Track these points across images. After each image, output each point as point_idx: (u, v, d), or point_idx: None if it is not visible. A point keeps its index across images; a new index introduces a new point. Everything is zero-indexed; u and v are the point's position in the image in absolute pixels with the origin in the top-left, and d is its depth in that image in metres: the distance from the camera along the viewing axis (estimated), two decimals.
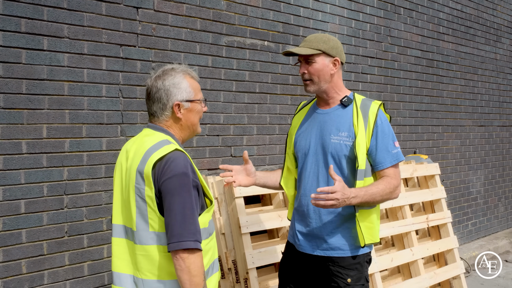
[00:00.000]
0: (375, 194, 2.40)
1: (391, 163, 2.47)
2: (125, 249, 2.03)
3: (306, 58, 2.52)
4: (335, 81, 2.56)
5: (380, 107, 2.53)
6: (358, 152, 2.44)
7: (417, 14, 6.05)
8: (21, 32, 3.00)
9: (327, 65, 2.51)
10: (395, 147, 2.49)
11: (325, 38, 2.53)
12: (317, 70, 2.50)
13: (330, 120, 2.57)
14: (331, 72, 2.53)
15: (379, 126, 2.47)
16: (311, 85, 2.54)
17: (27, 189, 3.05)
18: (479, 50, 7.14)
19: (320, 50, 2.49)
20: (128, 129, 3.49)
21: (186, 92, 2.07)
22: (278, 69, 4.47)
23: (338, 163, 2.50)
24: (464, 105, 6.86)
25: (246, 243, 3.41)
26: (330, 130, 2.53)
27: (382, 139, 2.47)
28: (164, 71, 2.10)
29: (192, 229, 1.88)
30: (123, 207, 2.04)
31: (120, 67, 3.43)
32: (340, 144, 2.49)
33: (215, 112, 3.99)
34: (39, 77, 3.08)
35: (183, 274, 1.87)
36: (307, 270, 2.63)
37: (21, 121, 3.02)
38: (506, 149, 7.81)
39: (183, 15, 3.79)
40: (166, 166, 1.89)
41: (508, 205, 7.87)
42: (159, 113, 2.07)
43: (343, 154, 2.48)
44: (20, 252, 3.03)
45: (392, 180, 2.46)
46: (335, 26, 5.01)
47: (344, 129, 2.50)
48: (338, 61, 2.54)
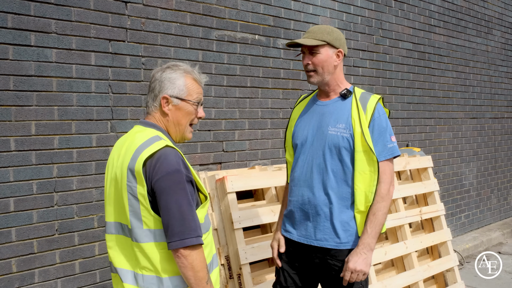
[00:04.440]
0: (381, 223, 2.43)
1: (385, 157, 2.46)
2: (123, 245, 2.01)
3: (310, 49, 2.52)
4: (337, 73, 2.57)
5: (379, 101, 2.53)
6: (356, 143, 2.45)
7: (408, 6, 6.03)
8: (8, 27, 2.95)
9: (331, 56, 2.52)
10: (391, 141, 2.48)
11: (328, 29, 2.53)
12: (321, 61, 2.50)
13: (328, 112, 2.57)
14: (335, 64, 2.53)
15: (376, 120, 2.47)
16: (315, 76, 2.54)
17: (16, 187, 3.01)
18: (471, 42, 7.14)
19: (325, 41, 2.49)
20: (118, 125, 3.45)
21: (178, 89, 2.04)
22: (269, 63, 4.44)
23: (336, 154, 2.50)
24: (456, 97, 6.87)
25: (239, 239, 3.39)
26: (328, 122, 2.54)
27: (379, 132, 2.46)
28: (169, 65, 2.08)
29: (193, 226, 1.87)
30: (116, 204, 2.01)
31: (109, 63, 3.39)
32: (337, 135, 2.49)
33: (206, 107, 3.96)
34: (26, 73, 3.03)
35: (187, 271, 1.87)
36: (305, 259, 2.63)
37: (9, 118, 2.98)
38: (498, 141, 7.83)
39: (173, 9, 3.75)
40: (157, 164, 1.87)
41: (501, 196, 7.91)
42: (150, 103, 2.06)
43: (341, 146, 2.48)
44: (10, 251, 2.99)
45: (379, 189, 2.45)
46: (326, 19, 4.99)
47: (342, 121, 2.50)
48: (341, 53, 2.54)
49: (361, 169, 2.46)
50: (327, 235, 2.52)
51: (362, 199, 2.48)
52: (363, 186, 2.47)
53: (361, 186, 2.47)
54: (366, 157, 2.46)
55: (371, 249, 2.40)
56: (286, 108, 4.59)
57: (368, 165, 2.47)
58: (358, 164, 2.46)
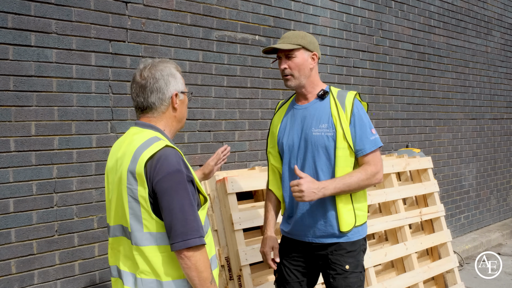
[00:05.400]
0: (350, 183, 2.48)
1: (370, 149, 2.54)
2: (125, 248, 2.00)
3: (286, 54, 2.59)
4: (313, 76, 2.64)
5: (355, 96, 2.60)
6: (338, 140, 2.52)
7: (408, 7, 6.03)
8: (8, 27, 2.94)
9: (307, 60, 2.59)
10: (372, 134, 2.56)
11: (302, 34, 2.62)
12: (298, 65, 2.57)
13: (309, 114, 2.64)
14: (310, 67, 2.61)
15: (356, 115, 2.54)
16: (292, 79, 2.61)
17: (16, 187, 3.00)
18: (470, 43, 7.14)
19: (300, 45, 2.57)
20: (118, 126, 3.44)
21: (180, 83, 2.06)
22: (269, 63, 4.43)
23: (323, 153, 2.57)
24: (456, 98, 6.87)
25: (239, 240, 3.38)
26: (311, 124, 2.60)
27: (360, 127, 2.54)
28: (156, 62, 2.05)
29: (195, 226, 1.86)
30: (117, 207, 2.00)
31: (109, 63, 3.38)
32: (322, 136, 2.56)
33: (206, 108, 3.95)
34: (26, 73, 3.02)
35: (191, 272, 1.86)
36: (305, 257, 2.70)
37: (9, 119, 2.96)
38: (498, 142, 7.83)
39: (173, 9, 3.74)
40: (158, 165, 1.85)
41: (500, 197, 7.91)
42: (158, 103, 2.01)
43: (327, 145, 2.55)
44: (10, 252, 2.98)
45: (369, 167, 2.53)
46: (326, 20, 4.98)
47: (324, 121, 2.57)
48: (316, 56, 2.63)
49: (342, 165, 2.54)
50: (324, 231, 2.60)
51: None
52: None
53: None
54: (346, 153, 2.54)
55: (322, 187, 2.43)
56: None
57: (347, 160, 2.55)
58: (339, 160, 2.54)
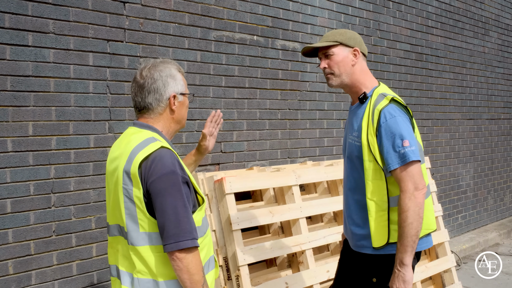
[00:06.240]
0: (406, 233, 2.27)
1: (398, 164, 2.30)
2: (123, 247, 2.00)
3: (325, 53, 2.51)
4: (357, 74, 2.50)
5: (390, 102, 2.38)
6: (363, 152, 2.41)
7: (406, 8, 6.04)
8: (5, 27, 2.93)
9: (347, 56, 2.48)
10: (402, 146, 2.30)
11: (341, 31, 2.53)
12: (337, 62, 2.47)
13: (351, 118, 2.57)
14: (352, 63, 2.48)
15: (383, 126, 2.34)
16: (333, 78, 2.51)
17: (13, 188, 2.99)
18: (468, 44, 7.15)
19: (337, 41, 2.48)
20: (116, 126, 3.43)
21: (180, 85, 2.04)
22: (267, 63, 4.43)
23: (354, 163, 2.49)
24: (453, 98, 6.88)
25: (237, 240, 3.38)
26: (351, 130, 2.53)
27: (387, 138, 2.33)
28: (157, 62, 2.05)
29: (188, 228, 1.85)
30: (114, 207, 2.00)
31: (107, 63, 3.38)
32: (354, 144, 2.48)
33: (204, 108, 3.95)
34: (24, 73, 3.01)
35: (183, 274, 1.85)
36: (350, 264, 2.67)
37: (6, 119, 2.96)
38: (495, 142, 7.85)
39: (171, 9, 3.73)
40: (153, 166, 1.85)
41: (497, 197, 7.92)
42: (155, 104, 2.00)
43: (357, 154, 2.45)
44: (7, 253, 2.97)
45: (402, 195, 2.30)
46: (324, 20, 4.98)
47: (356, 129, 2.48)
48: (358, 51, 2.49)
49: (371, 178, 2.41)
50: (352, 239, 2.59)
51: (373, 207, 2.43)
52: (371, 194, 2.42)
53: (370, 195, 2.42)
54: (375, 166, 2.40)
55: (404, 264, 2.29)
56: (284, 109, 4.59)
57: (377, 174, 2.40)
58: (367, 173, 2.41)
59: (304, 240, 3.74)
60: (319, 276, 3.74)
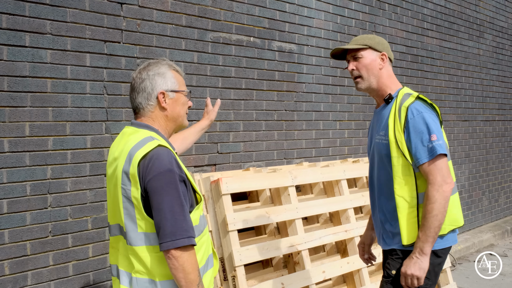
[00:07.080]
0: (430, 224, 2.33)
1: (427, 158, 2.37)
2: (122, 247, 2.01)
3: (353, 55, 2.57)
4: (384, 78, 2.56)
5: (416, 99, 2.46)
6: (391, 149, 2.46)
7: (402, 10, 6.07)
8: (2, 28, 2.93)
9: (375, 60, 2.54)
10: (430, 140, 2.37)
11: (370, 36, 2.59)
12: (365, 65, 2.53)
13: (377, 119, 2.63)
14: (379, 67, 2.55)
15: (410, 122, 2.41)
16: (361, 81, 2.56)
17: (10, 188, 2.99)
18: (463, 46, 7.19)
19: (367, 45, 2.54)
20: (113, 127, 3.44)
21: (170, 82, 2.05)
22: (264, 65, 4.45)
23: (382, 161, 2.54)
24: (448, 100, 6.91)
25: (234, 240, 3.39)
26: (377, 130, 2.59)
27: (415, 134, 2.40)
28: (150, 63, 2.09)
29: (184, 226, 1.85)
30: (114, 207, 2.02)
31: (104, 64, 3.38)
32: (381, 143, 2.53)
33: (201, 109, 3.96)
34: (21, 74, 3.01)
35: (178, 272, 1.85)
36: None
37: (3, 119, 2.96)
38: (490, 143, 7.89)
39: (168, 10, 3.74)
40: (150, 164, 1.86)
41: (492, 198, 7.96)
42: (144, 103, 2.03)
43: (385, 153, 2.51)
44: (3, 253, 2.97)
45: (429, 188, 2.36)
46: (320, 22, 5.00)
47: (383, 128, 2.53)
48: (385, 56, 2.56)
49: (399, 174, 2.46)
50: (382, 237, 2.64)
51: (402, 204, 2.47)
52: (401, 191, 2.46)
53: (399, 191, 2.46)
54: (404, 162, 2.45)
55: (423, 253, 2.35)
56: (280, 110, 4.60)
57: (406, 170, 2.45)
58: (396, 170, 2.46)
59: (300, 241, 3.75)
60: (315, 277, 3.75)
